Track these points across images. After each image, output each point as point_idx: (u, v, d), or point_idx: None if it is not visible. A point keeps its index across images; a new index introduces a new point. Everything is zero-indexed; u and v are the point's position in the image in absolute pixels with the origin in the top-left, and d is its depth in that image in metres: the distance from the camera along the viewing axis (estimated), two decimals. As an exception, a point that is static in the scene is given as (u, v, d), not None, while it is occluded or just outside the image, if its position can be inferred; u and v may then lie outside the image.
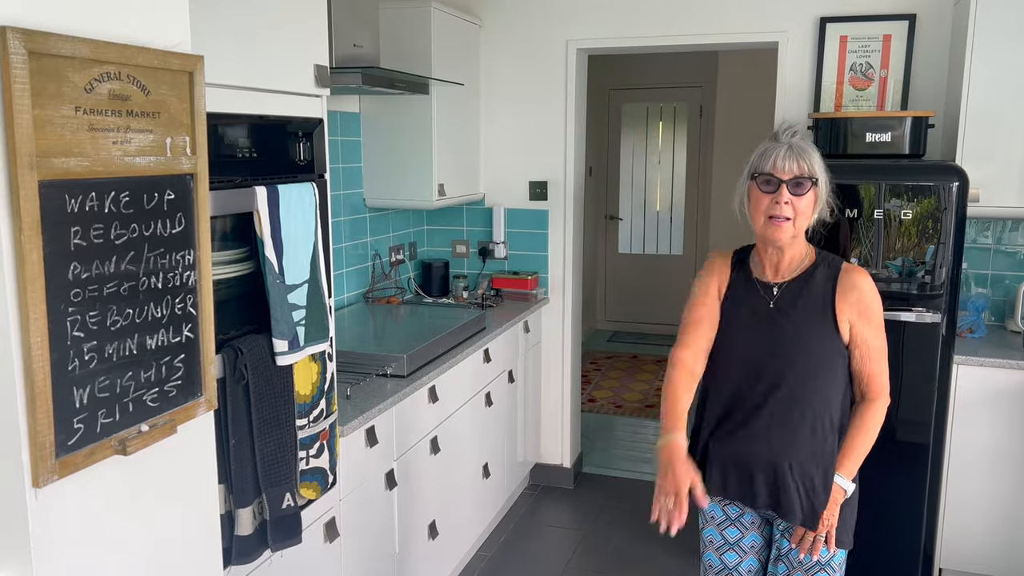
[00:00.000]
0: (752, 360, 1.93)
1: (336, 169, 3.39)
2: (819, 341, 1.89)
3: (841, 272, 1.93)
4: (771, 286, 1.96)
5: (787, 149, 1.87)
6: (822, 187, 1.90)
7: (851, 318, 1.89)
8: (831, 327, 1.89)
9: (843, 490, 1.90)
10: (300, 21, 2.07)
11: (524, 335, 3.85)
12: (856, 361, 1.92)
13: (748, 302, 1.97)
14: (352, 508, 2.42)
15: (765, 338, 1.92)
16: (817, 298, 1.91)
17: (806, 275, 1.94)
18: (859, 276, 1.92)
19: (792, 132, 1.91)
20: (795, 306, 1.92)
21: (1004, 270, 3.45)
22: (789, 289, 1.94)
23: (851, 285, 1.90)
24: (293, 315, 1.98)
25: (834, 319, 1.89)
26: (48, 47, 1.18)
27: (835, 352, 1.90)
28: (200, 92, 1.48)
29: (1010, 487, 3.01)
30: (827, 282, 1.92)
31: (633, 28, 3.74)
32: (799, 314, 1.91)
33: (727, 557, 2.04)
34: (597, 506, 4.00)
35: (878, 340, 1.92)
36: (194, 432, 1.55)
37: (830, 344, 1.90)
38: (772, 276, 1.97)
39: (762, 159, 1.90)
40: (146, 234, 1.39)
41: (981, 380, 2.97)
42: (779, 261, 1.95)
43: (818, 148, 1.93)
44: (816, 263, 1.95)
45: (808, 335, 1.90)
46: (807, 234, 1.96)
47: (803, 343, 1.90)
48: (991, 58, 3.02)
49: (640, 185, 7.32)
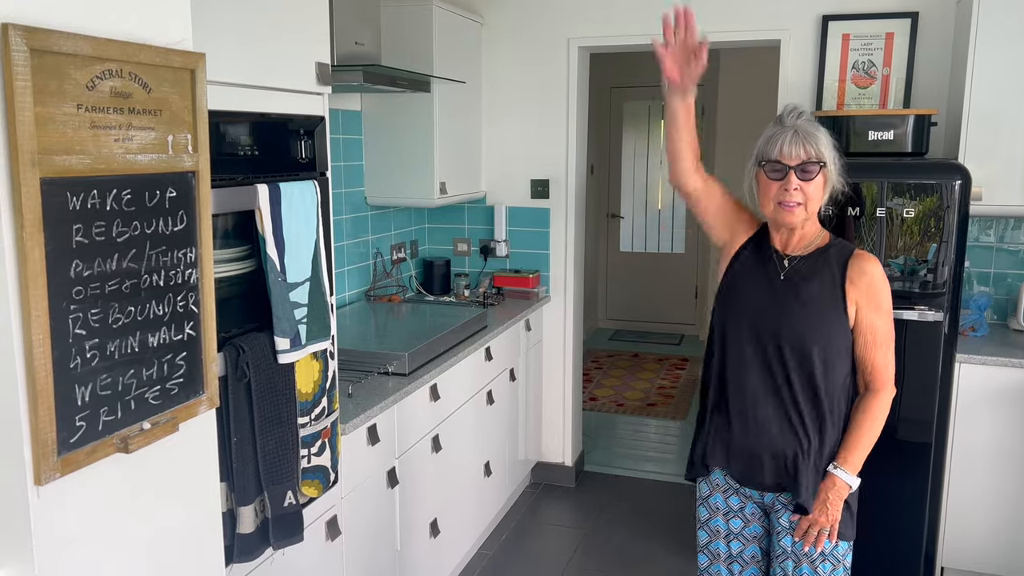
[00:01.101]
0: (757, 331, 1.92)
1: (338, 167, 3.38)
2: (826, 319, 1.89)
3: (852, 256, 1.92)
4: (783, 256, 1.95)
5: (792, 134, 1.85)
6: (831, 167, 1.88)
7: (859, 301, 1.89)
8: (840, 308, 1.89)
9: (847, 485, 1.89)
10: (302, 19, 2.07)
11: (525, 333, 3.85)
12: (861, 348, 1.91)
13: (758, 268, 1.97)
14: (354, 506, 2.42)
15: (772, 310, 1.92)
16: (827, 278, 1.90)
17: (818, 253, 1.94)
18: (870, 262, 1.91)
19: (797, 114, 1.89)
20: (805, 280, 1.91)
21: (1007, 268, 3.44)
22: (802, 263, 1.93)
23: (861, 270, 1.90)
24: (295, 313, 1.97)
25: (843, 301, 1.89)
26: (50, 44, 1.18)
27: (841, 333, 1.89)
28: (202, 90, 1.48)
29: (1012, 486, 3.00)
30: (838, 264, 1.91)
31: (635, 26, 3.74)
32: (809, 289, 1.90)
33: (732, 545, 2.05)
34: (599, 505, 3.99)
35: (885, 326, 1.91)
36: (196, 430, 1.55)
37: (837, 325, 1.89)
38: (782, 248, 1.97)
39: (768, 145, 1.88)
40: (148, 232, 1.39)
41: (983, 379, 2.97)
42: (789, 238, 1.95)
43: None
44: (829, 244, 1.95)
45: (816, 312, 1.89)
46: (819, 215, 1.95)
47: (809, 319, 1.89)
48: (994, 56, 3.01)
49: (642, 183, 7.32)
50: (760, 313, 1.93)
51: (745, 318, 1.95)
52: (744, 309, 1.96)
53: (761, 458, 1.94)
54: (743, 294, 1.98)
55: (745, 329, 1.95)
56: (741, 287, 1.98)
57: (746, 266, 2.00)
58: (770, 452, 1.92)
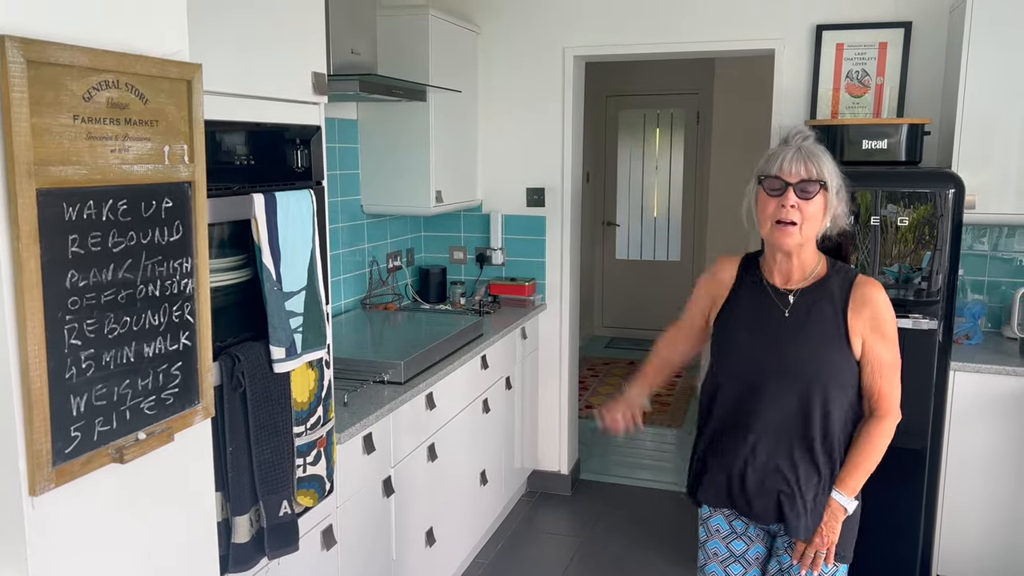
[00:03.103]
0: (759, 369, 1.88)
1: (334, 176, 3.39)
2: (831, 353, 1.84)
3: (855, 285, 1.87)
4: (786, 293, 1.90)
5: (795, 152, 1.82)
6: (832, 192, 1.84)
7: (864, 333, 1.84)
8: (843, 340, 1.84)
9: (843, 508, 1.86)
10: (298, 29, 2.08)
11: (521, 341, 3.85)
12: (867, 376, 1.86)
13: (757, 307, 1.92)
14: (349, 515, 2.42)
15: (774, 347, 1.87)
16: (829, 310, 1.86)
17: (820, 284, 1.89)
18: (873, 289, 1.87)
19: (804, 136, 1.87)
20: (809, 316, 1.86)
21: (1000, 276, 3.46)
22: (803, 298, 1.88)
23: (864, 299, 1.85)
24: (290, 322, 1.98)
25: (846, 333, 1.84)
26: (46, 56, 1.19)
27: (846, 365, 1.85)
28: (198, 100, 1.48)
29: (1007, 493, 3.01)
30: (840, 294, 1.86)
31: (630, 36, 3.76)
32: (813, 325, 1.86)
33: (732, 569, 2.02)
34: (595, 513, 3.99)
35: (890, 355, 1.86)
36: (191, 440, 1.55)
37: (841, 357, 1.85)
38: (783, 283, 1.92)
39: (769, 162, 1.85)
40: (144, 242, 1.39)
41: (978, 386, 2.98)
42: (789, 268, 1.90)
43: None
44: (829, 274, 1.90)
45: (821, 349, 1.85)
46: (818, 243, 1.90)
47: (816, 357, 1.85)
48: (986, 65, 3.03)
49: (637, 191, 7.33)
50: (765, 353, 1.88)
51: (748, 358, 1.90)
52: (747, 349, 1.91)
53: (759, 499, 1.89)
54: (745, 333, 1.92)
55: (749, 370, 1.89)
56: (743, 325, 1.93)
57: (747, 304, 1.94)
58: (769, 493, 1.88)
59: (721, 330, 1.98)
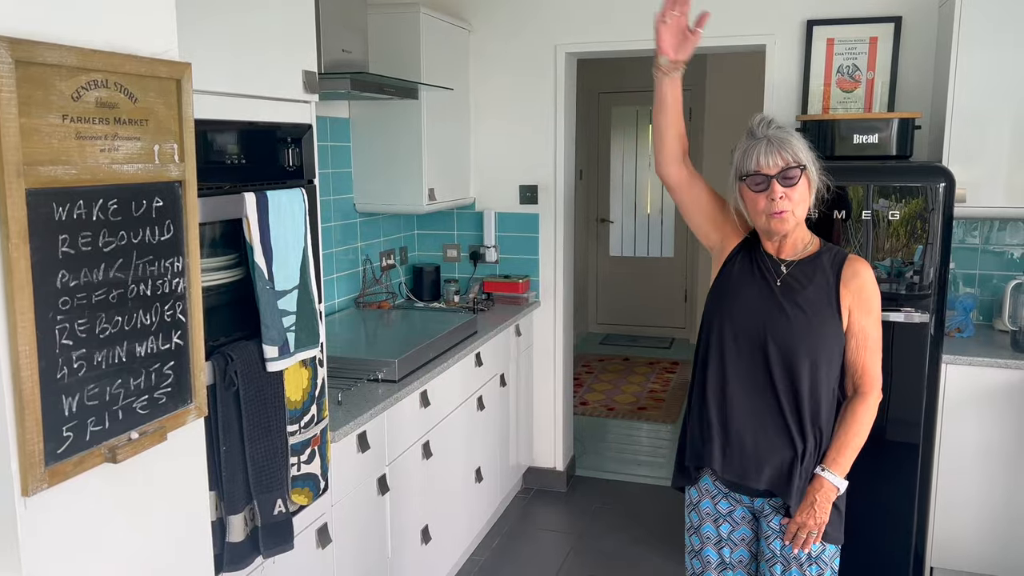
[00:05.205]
0: (754, 333, 1.93)
1: (326, 174, 3.39)
2: (822, 324, 1.90)
3: (846, 261, 1.94)
4: (779, 263, 1.96)
5: (767, 144, 1.87)
6: (811, 169, 1.90)
7: (851, 306, 1.91)
8: (834, 312, 1.90)
9: (836, 488, 1.89)
10: (288, 27, 2.07)
11: (516, 339, 3.85)
12: (851, 351, 1.92)
13: (752, 273, 1.97)
14: (344, 513, 2.42)
15: (767, 316, 1.92)
16: (822, 283, 1.92)
17: (812, 258, 1.96)
18: (862, 266, 1.94)
19: (767, 124, 1.91)
20: (803, 286, 1.92)
21: (992, 270, 3.47)
22: (796, 269, 1.95)
23: (854, 273, 1.92)
24: (283, 321, 1.98)
25: (837, 305, 1.90)
26: (35, 55, 1.18)
27: (835, 338, 1.91)
28: (188, 99, 1.48)
29: (1000, 485, 3.02)
30: (832, 268, 1.93)
31: (621, 32, 3.76)
32: (805, 297, 1.91)
33: (724, 552, 2.05)
34: (590, 509, 4.00)
35: (875, 331, 1.93)
36: (184, 439, 1.55)
37: (832, 329, 1.90)
38: (776, 254, 1.98)
39: (745, 158, 1.90)
40: (135, 241, 1.39)
41: (970, 379, 2.99)
42: (782, 244, 1.97)
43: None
44: (821, 250, 1.97)
45: (813, 317, 1.90)
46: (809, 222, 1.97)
47: (807, 325, 1.89)
48: (976, 59, 3.04)
49: (631, 188, 7.34)
50: (756, 318, 1.93)
51: (740, 323, 1.95)
52: (739, 314, 1.96)
53: (754, 463, 1.93)
54: (738, 299, 1.97)
55: (740, 335, 1.94)
56: (736, 292, 1.98)
57: (741, 271, 2.00)
58: (765, 457, 1.92)
59: (717, 294, 2.02)
